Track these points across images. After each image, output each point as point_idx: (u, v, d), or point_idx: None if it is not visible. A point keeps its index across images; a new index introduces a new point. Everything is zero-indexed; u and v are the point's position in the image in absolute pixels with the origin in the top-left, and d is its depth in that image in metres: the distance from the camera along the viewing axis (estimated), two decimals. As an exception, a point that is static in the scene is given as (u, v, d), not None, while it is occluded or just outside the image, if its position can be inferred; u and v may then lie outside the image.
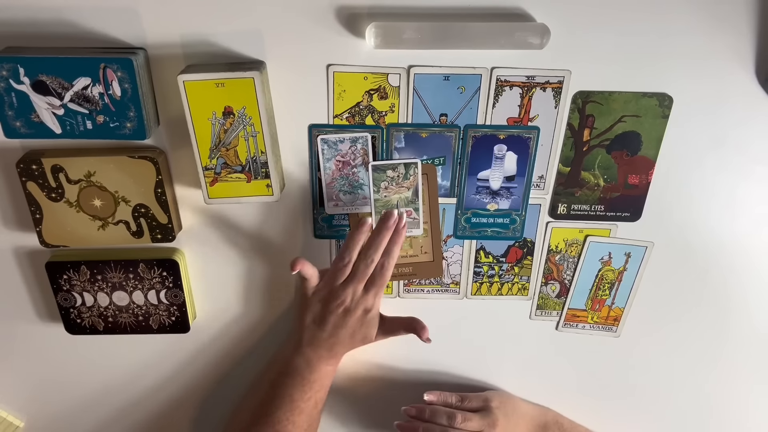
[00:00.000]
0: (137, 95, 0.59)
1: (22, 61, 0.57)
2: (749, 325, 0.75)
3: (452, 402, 0.74)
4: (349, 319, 0.66)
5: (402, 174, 0.67)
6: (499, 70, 0.62)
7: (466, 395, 0.74)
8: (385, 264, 0.65)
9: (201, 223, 0.70)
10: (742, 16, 0.59)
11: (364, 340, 0.68)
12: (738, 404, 0.80)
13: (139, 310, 0.72)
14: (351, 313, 0.66)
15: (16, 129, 0.61)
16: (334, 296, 0.66)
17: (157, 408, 0.82)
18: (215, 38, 0.60)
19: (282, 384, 0.68)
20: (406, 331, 0.69)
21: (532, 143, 0.66)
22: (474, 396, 0.75)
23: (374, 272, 0.65)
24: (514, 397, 0.78)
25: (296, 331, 0.70)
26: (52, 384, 0.80)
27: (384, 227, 0.65)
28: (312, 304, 0.68)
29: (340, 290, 0.65)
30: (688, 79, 0.62)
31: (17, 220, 0.69)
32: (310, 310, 0.68)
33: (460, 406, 0.73)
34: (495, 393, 0.77)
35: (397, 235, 0.65)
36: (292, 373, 0.68)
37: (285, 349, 0.71)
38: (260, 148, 0.62)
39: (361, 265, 0.65)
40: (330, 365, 0.69)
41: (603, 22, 0.60)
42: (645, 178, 0.67)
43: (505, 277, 0.74)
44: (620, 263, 0.72)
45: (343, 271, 0.66)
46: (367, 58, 0.62)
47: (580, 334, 0.77)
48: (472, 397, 0.75)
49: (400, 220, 0.65)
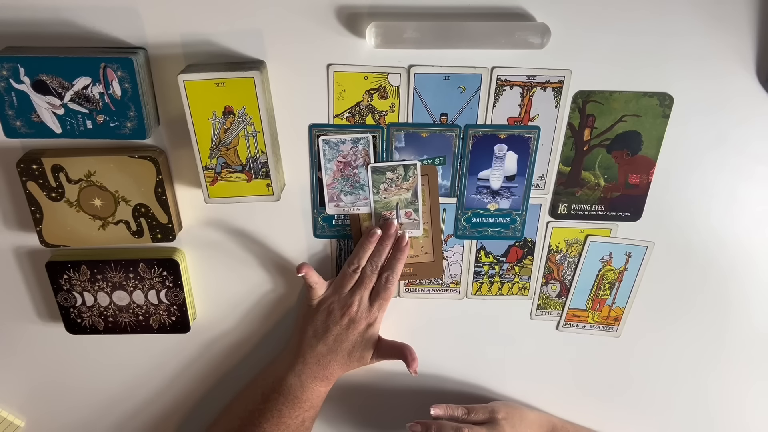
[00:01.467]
0: (137, 95, 0.59)
1: (23, 61, 0.57)
2: (750, 324, 0.75)
3: (458, 415, 0.73)
4: (351, 332, 0.68)
5: (401, 175, 0.67)
6: (500, 69, 0.62)
7: (472, 407, 0.73)
8: (389, 278, 0.68)
9: (201, 222, 0.70)
10: (743, 15, 0.59)
11: (361, 360, 0.69)
12: (739, 404, 0.80)
13: (139, 309, 0.72)
14: (355, 326, 0.67)
15: (16, 129, 0.61)
16: (341, 303, 0.67)
17: (157, 408, 0.82)
18: (215, 38, 0.60)
19: (273, 399, 0.69)
20: (397, 359, 0.69)
21: (532, 143, 0.66)
22: (480, 408, 0.74)
23: (378, 286, 0.68)
24: (520, 406, 0.77)
25: (295, 345, 0.71)
26: (53, 384, 0.80)
27: (386, 236, 0.67)
28: (316, 314, 0.68)
29: (347, 297, 0.67)
30: (688, 78, 0.62)
31: (17, 220, 0.69)
32: (313, 321, 0.69)
33: (467, 419, 0.72)
34: (501, 404, 0.76)
35: (400, 252, 0.68)
36: (285, 391, 0.69)
37: (280, 363, 0.72)
38: (260, 147, 0.62)
39: (367, 270, 0.67)
40: (323, 386, 0.70)
41: (603, 21, 0.60)
42: (645, 177, 0.67)
43: (506, 277, 0.74)
44: (621, 263, 0.72)
45: (352, 277, 0.68)
46: (368, 57, 0.62)
47: (581, 334, 0.77)
48: (479, 409, 0.74)
49: (403, 238, 0.68)
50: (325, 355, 0.68)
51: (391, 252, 0.69)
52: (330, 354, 0.68)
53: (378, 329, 0.70)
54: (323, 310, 0.68)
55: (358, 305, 0.67)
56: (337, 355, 0.68)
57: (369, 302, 0.68)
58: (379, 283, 0.68)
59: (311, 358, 0.68)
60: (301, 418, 0.69)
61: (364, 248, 0.68)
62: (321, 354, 0.68)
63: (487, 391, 0.80)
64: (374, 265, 0.67)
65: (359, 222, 0.70)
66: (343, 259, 0.72)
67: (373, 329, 0.69)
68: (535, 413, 0.78)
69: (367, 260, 0.68)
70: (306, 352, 0.68)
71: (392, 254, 0.68)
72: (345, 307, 0.67)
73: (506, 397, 0.80)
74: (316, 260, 0.72)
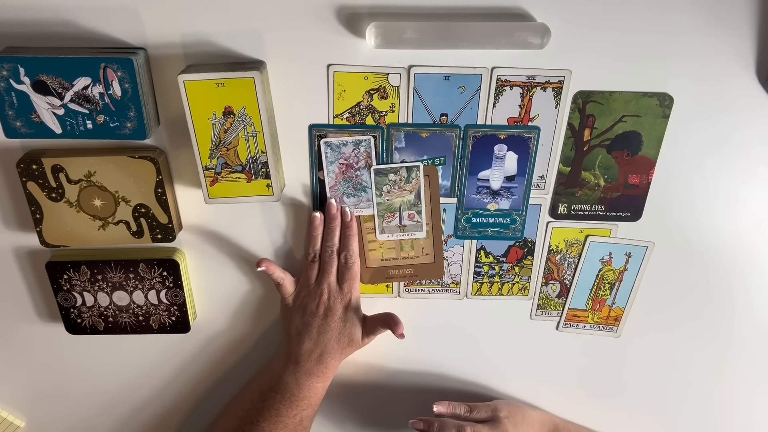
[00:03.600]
0: (137, 95, 0.59)
1: (23, 61, 0.57)
2: (751, 324, 0.75)
3: (461, 413, 0.72)
4: (331, 319, 0.68)
5: (404, 177, 0.67)
6: (500, 69, 0.62)
7: (474, 405, 0.73)
8: (348, 257, 0.68)
9: (201, 223, 0.70)
10: (743, 15, 0.59)
11: (351, 343, 0.69)
12: (740, 403, 0.80)
13: (139, 310, 0.72)
14: (332, 312, 0.68)
15: (16, 129, 0.61)
16: (312, 295, 0.68)
17: (157, 408, 0.82)
18: (215, 38, 0.60)
19: (271, 398, 0.69)
20: (383, 328, 0.69)
21: (532, 143, 0.66)
22: (482, 406, 0.74)
23: (340, 267, 0.68)
24: (522, 405, 0.77)
25: (285, 346, 0.71)
26: (53, 384, 0.80)
27: (330, 217, 0.68)
28: (293, 312, 0.69)
29: (315, 287, 0.68)
30: (688, 78, 0.62)
31: (17, 220, 0.69)
32: (293, 320, 0.69)
33: (469, 417, 0.72)
34: (503, 402, 0.76)
35: (349, 229, 0.68)
36: (282, 389, 0.69)
37: (276, 363, 0.72)
38: (260, 147, 0.62)
39: (324, 255, 0.68)
40: (320, 381, 0.70)
41: (603, 21, 0.60)
42: (645, 177, 0.67)
43: (506, 277, 0.74)
44: (621, 263, 0.72)
45: (313, 266, 0.68)
46: (368, 57, 0.61)
47: (581, 334, 0.77)
48: (481, 407, 0.74)
49: (345, 213, 0.68)
50: (313, 350, 0.68)
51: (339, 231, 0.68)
52: (318, 347, 0.68)
53: (358, 308, 0.69)
54: (298, 307, 0.69)
55: (328, 292, 0.68)
56: (326, 346, 0.68)
57: (338, 285, 0.68)
58: (341, 264, 0.68)
59: (302, 356, 0.68)
60: (299, 417, 0.69)
61: (312, 236, 0.68)
62: (310, 350, 0.68)
63: (487, 390, 0.80)
64: (329, 249, 0.68)
65: (360, 222, 0.70)
66: (343, 259, 0.72)
67: (351, 309, 0.69)
68: (538, 412, 0.78)
69: (320, 246, 0.68)
70: (295, 351, 0.68)
71: (342, 232, 0.68)
72: (316, 297, 0.68)
73: (506, 397, 0.80)
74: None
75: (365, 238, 0.70)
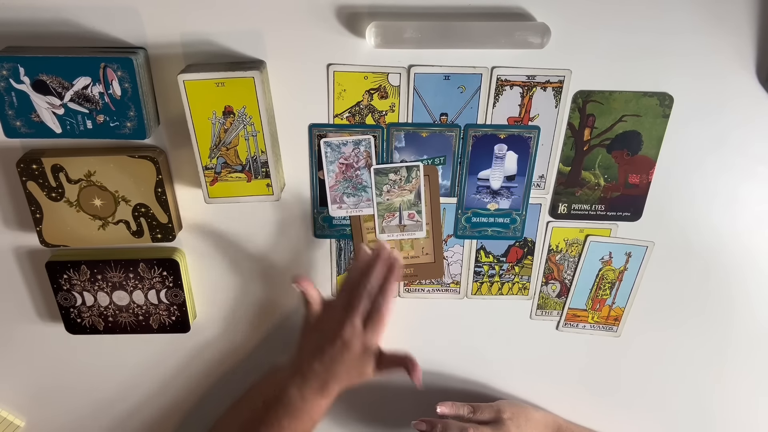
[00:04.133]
0: (137, 95, 0.59)
1: (22, 61, 0.57)
2: (751, 323, 0.75)
3: (464, 414, 0.72)
4: (347, 354, 0.64)
5: (404, 177, 0.67)
6: (500, 69, 0.62)
7: (477, 406, 0.73)
8: (381, 302, 0.63)
9: (201, 222, 0.70)
10: (743, 15, 0.59)
11: (361, 377, 0.66)
12: (740, 402, 0.80)
13: (139, 309, 0.72)
14: (349, 349, 0.64)
15: (16, 129, 0.61)
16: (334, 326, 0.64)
17: (157, 407, 0.82)
18: (215, 38, 0.60)
19: (274, 408, 0.67)
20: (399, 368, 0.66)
21: (532, 143, 0.66)
22: (486, 407, 0.74)
23: (372, 311, 0.64)
24: (525, 406, 0.77)
25: (295, 358, 0.69)
26: (53, 384, 0.80)
27: (378, 259, 0.64)
28: (312, 332, 0.67)
29: (339, 321, 0.64)
30: (688, 78, 0.62)
31: (17, 219, 0.69)
32: (309, 339, 0.67)
33: (472, 418, 0.72)
34: (507, 403, 0.76)
35: (392, 275, 0.64)
36: (285, 401, 0.67)
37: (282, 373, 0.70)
38: (260, 147, 0.62)
39: (360, 293, 0.64)
40: (324, 398, 0.67)
41: (603, 21, 0.60)
42: (645, 177, 0.67)
43: (506, 277, 0.74)
44: (621, 263, 0.72)
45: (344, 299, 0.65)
46: (368, 57, 0.61)
47: (581, 333, 0.77)
48: (484, 408, 0.73)
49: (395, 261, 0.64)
50: (322, 373, 0.65)
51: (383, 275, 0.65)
52: (326, 372, 0.65)
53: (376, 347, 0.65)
54: (318, 330, 0.66)
55: (351, 329, 0.63)
56: (335, 374, 0.65)
57: (362, 326, 0.64)
58: (372, 307, 0.64)
59: (309, 374, 0.66)
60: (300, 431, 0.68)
61: (356, 272, 0.65)
62: (318, 372, 0.65)
63: (487, 389, 0.80)
64: (366, 289, 0.64)
65: (360, 222, 0.70)
66: (344, 259, 0.72)
67: (370, 351, 0.65)
68: (541, 413, 0.78)
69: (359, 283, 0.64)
70: (304, 368, 0.66)
71: (385, 278, 0.64)
72: (337, 331, 0.64)
73: (506, 396, 0.80)
74: (316, 260, 0.72)
75: (365, 238, 0.70)
